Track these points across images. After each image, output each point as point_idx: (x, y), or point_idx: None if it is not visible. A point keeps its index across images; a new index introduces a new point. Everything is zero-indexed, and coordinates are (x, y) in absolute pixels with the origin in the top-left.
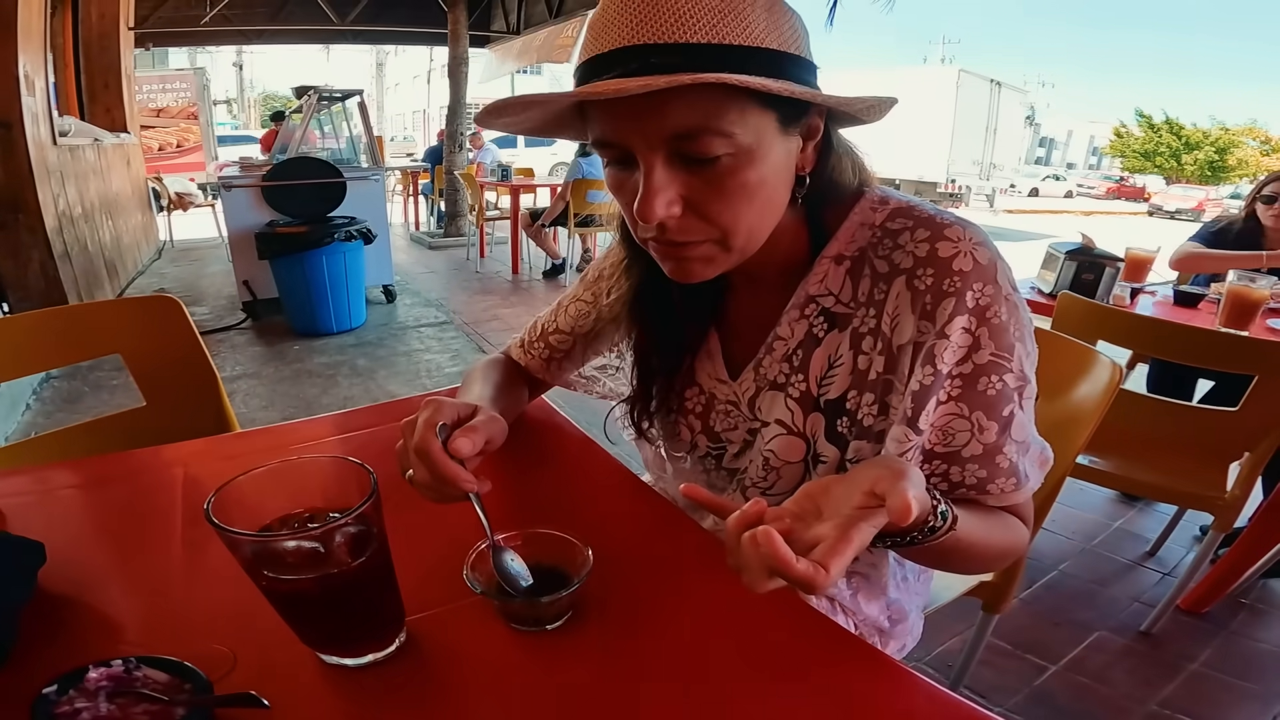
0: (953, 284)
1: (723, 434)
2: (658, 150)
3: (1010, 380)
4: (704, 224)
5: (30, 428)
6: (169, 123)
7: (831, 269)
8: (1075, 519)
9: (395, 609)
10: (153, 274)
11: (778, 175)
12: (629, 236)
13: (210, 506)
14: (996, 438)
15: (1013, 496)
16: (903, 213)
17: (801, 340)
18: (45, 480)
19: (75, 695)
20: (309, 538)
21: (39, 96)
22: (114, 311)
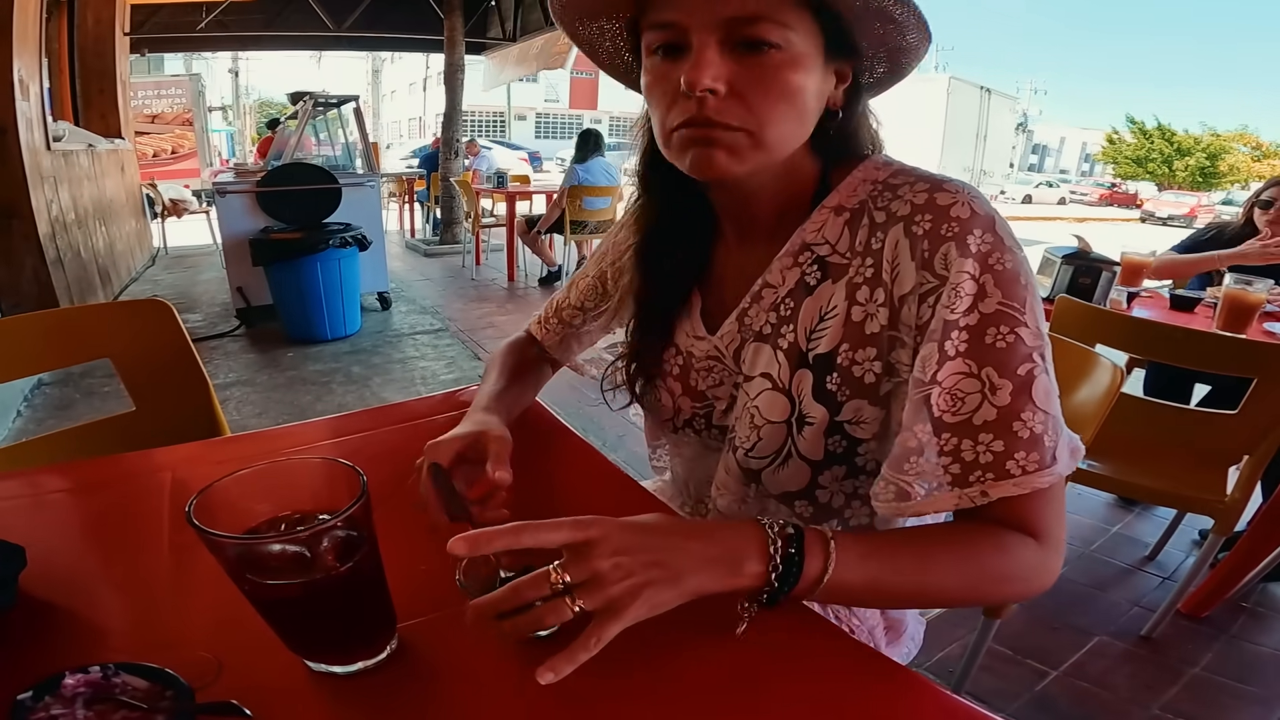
0: (950, 229)
1: (707, 391)
2: (714, 32)
3: (1026, 336)
4: (742, 109)
5: (21, 433)
6: (164, 129)
7: (830, 219)
8: (1073, 523)
9: (386, 615)
10: (146, 281)
11: (813, 93)
12: (648, 172)
13: (192, 509)
14: (1012, 400)
15: (1037, 479)
16: (905, 172)
17: (792, 289)
18: (30, 484)
19: (51, 702)
20: (295, 541)
21: (34, 101)
22: (104, 315)
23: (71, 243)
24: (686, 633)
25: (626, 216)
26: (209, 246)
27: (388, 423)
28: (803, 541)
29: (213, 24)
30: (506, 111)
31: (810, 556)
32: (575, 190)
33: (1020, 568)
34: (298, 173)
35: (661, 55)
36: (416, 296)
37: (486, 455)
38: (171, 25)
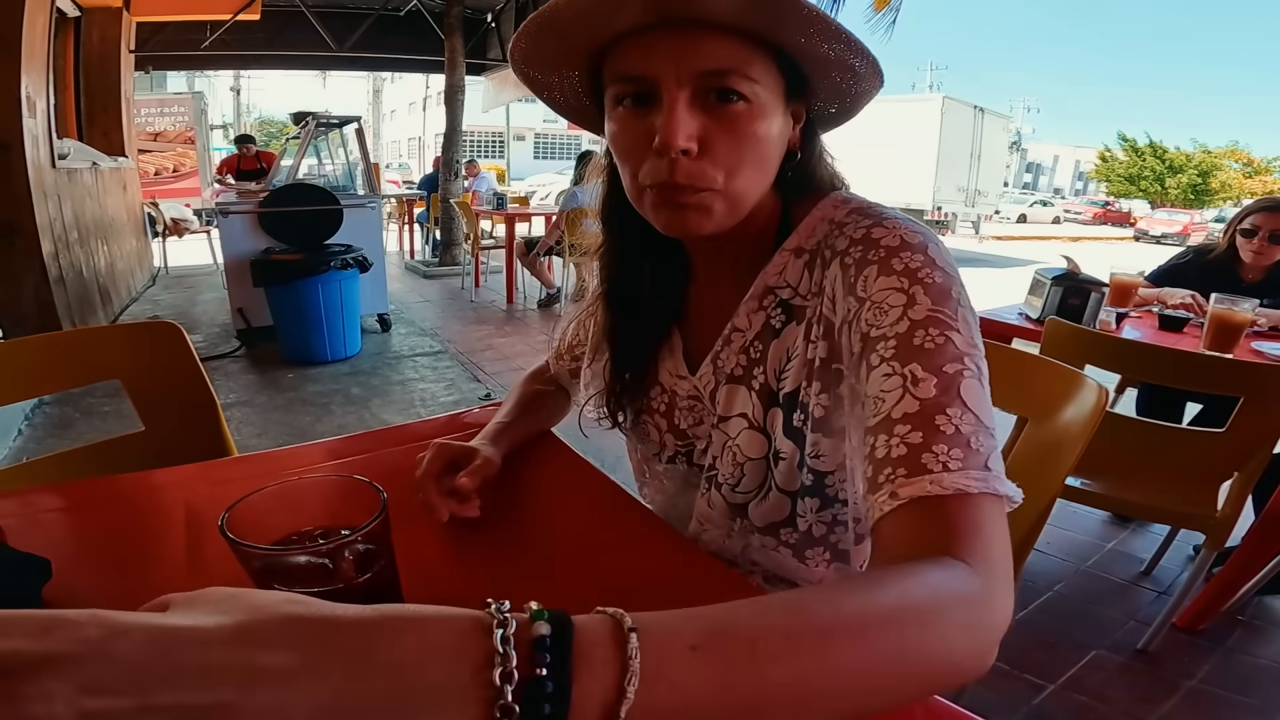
0: (876, 254)
1: (688, 430)
2: (685, 86)
3: (956, 340)
4: (712, 167)
5: (21, 453)
6: (166, 147)
7: (791, 261)
8: (1069, 540)
9: None
10: (146, 301)
11: (776, 139)
12: (612, 217)
13: (225, 522)
14: (937, 393)
15: (959, 478)
16: (858, 210)
17: (759, 332)
18: (46, 501)
19: None
20: (319, 553)
21: (40, 118)
22: (114, 336)
23: (74, 261)
24: None
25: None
26: (209, 266)
27: (394, 444)
28: (569, 647)
29: (216, 42)
30: (505, 132)
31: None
32: (574, 213)
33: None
34: (300, 194)
35: (629, 105)
36: (416, 318)
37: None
38: (175, 43)
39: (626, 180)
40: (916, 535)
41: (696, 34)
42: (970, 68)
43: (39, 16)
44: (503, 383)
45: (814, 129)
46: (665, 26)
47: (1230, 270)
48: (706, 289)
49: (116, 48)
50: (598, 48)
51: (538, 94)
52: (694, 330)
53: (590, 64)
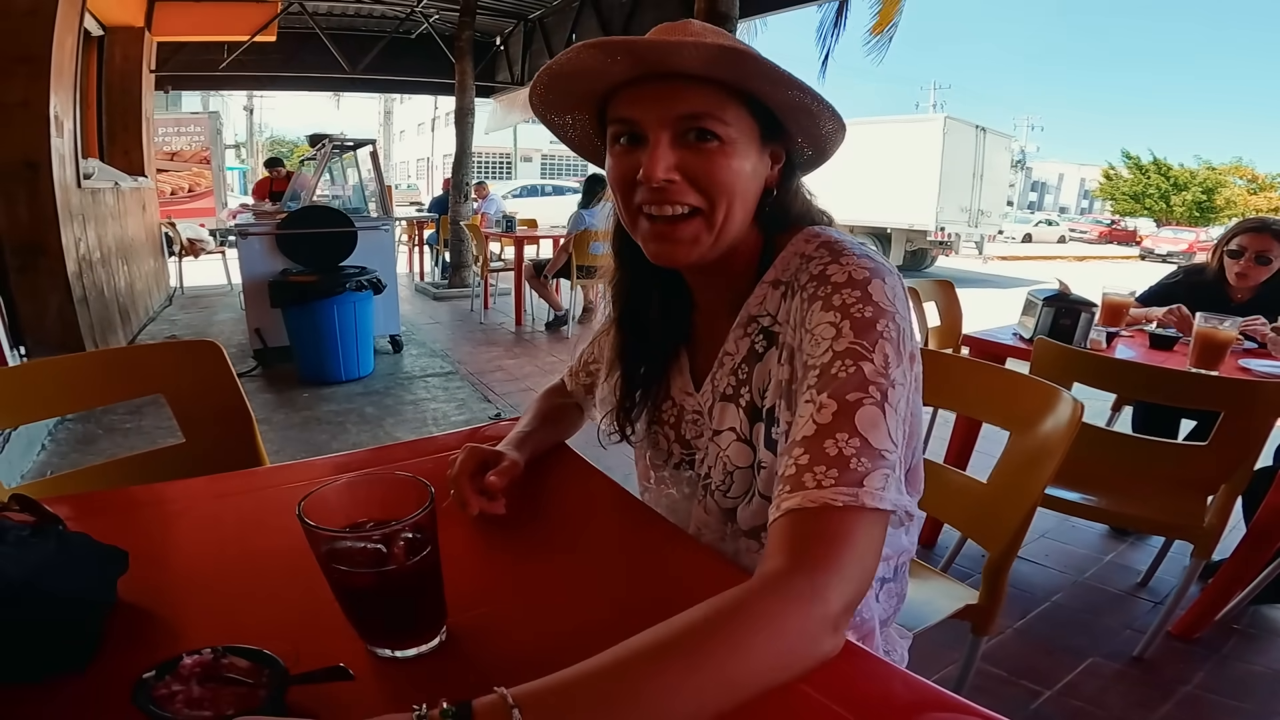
0: (823, 290)
1: (692, 441)
2: (667, 128)
3: (867, 369)
4: (694, 192)
5: (45, 467)
6: (182, 166)
7: (769, 292)
8: (1067, 553)
9: (440, 607)
10: (163, 321)
11: (752, 176)
12: (622, 249)
13: (301, 509)
14: (832, 419)
15: (827, 494)
16: (824, 245)
17: (745, 356)
18: (110, 502)
19: (171, 680)
20: (377, 538)
21: (67, 138)
22: (160, 354)
23: (96, 281)
24: None
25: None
26: (223, 287)
27: (423, 454)
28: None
29: (233, 63)
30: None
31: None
32: (582, 235)
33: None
34: (316, 216)
35: (624, 144)
36: (426, 339)
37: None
38: (193, 64)
39: (620, 210)
40: (786, 540)
41: (675, 84)
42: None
43: (68, 36)
44: (512, 403)
45: (793, 169)
46: (651, 78)
47: (1219, 290)
48: (705, 316)
49: (138, 67)
50: (599, 95)
51: (554, 132)
52: (698, 352)
53: (595, 108)
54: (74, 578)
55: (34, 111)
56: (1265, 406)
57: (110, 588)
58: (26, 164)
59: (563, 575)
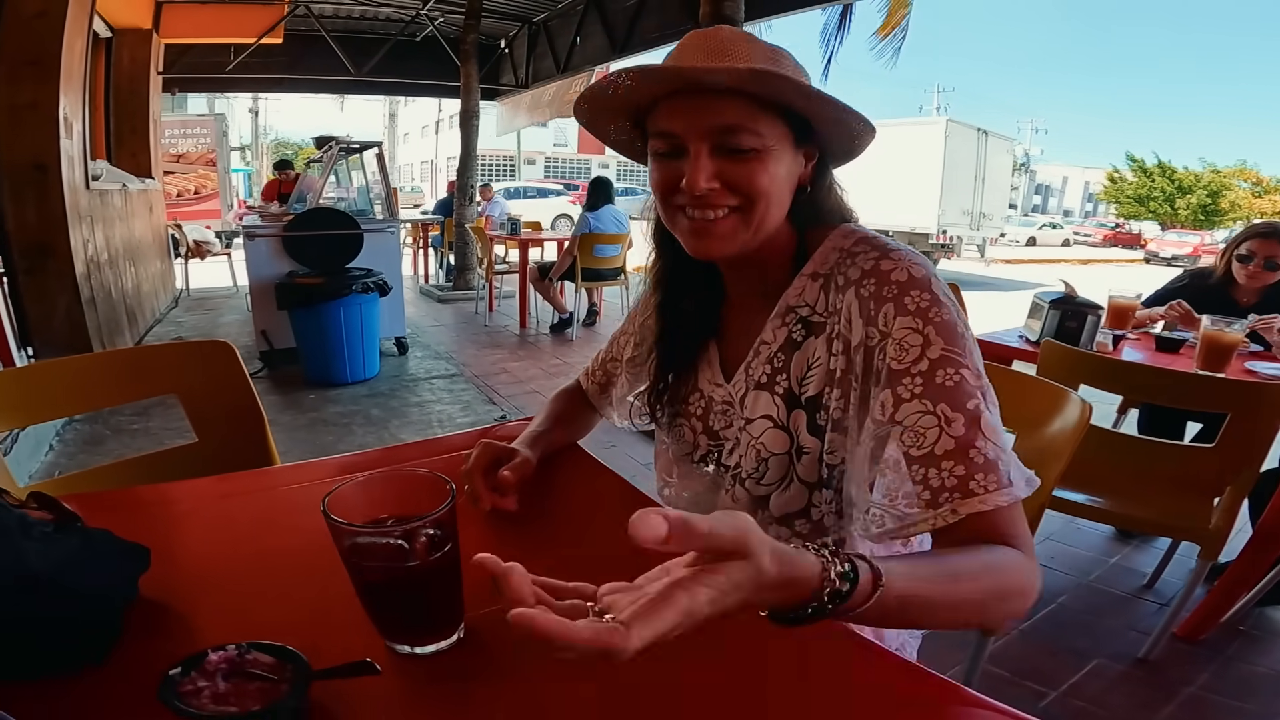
0: (890, 290)
1: (720, 432)
2: (705, 140)
3: (968, 376)
4: (733, 195)
5: (53, 467)
6: (188, 169)
7: (808, 284)
8: (1072, 555)
9: (458, 604)
10: (170, 322)
11: (786, 176)
12: (662, 241)
13: (326, 504)
14: (966, 430)
15: (997, 497)
16: (864, 240)
17: (782, 345)
18: (126, 500)
19: (197, 675)
20: (400, 534)
21: (76, 140)
22: (173, 354)
23: (104, 283)
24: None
25: (649, 281)
26: (229, 289)
27: (430, 454)
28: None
29: (239, 65)
30: (516, 156)
31: (862, 578)
32: (586, 238)
33: (1023, 577)
34: (322, 218)
35: (664, 154)
36: (431, 342)
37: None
38: (200, 66)
39: (661, 210)
40: (980, 535)
41: (710, 98)
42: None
43: (77, 38)
44: (517, 405)
45: (825, 166)
46: (688, 93)
47: (1225, 294)
48: (738, 308)
49: (146, 69)
50: (638, 107)
51: (596, 135)
52: (728, 344)
53: (635, 117)
54: (98, 573)
55: (43, 113)
56: (1272, 408)
57: (132, 584)
58: (36, 166)
59: (574, 573)
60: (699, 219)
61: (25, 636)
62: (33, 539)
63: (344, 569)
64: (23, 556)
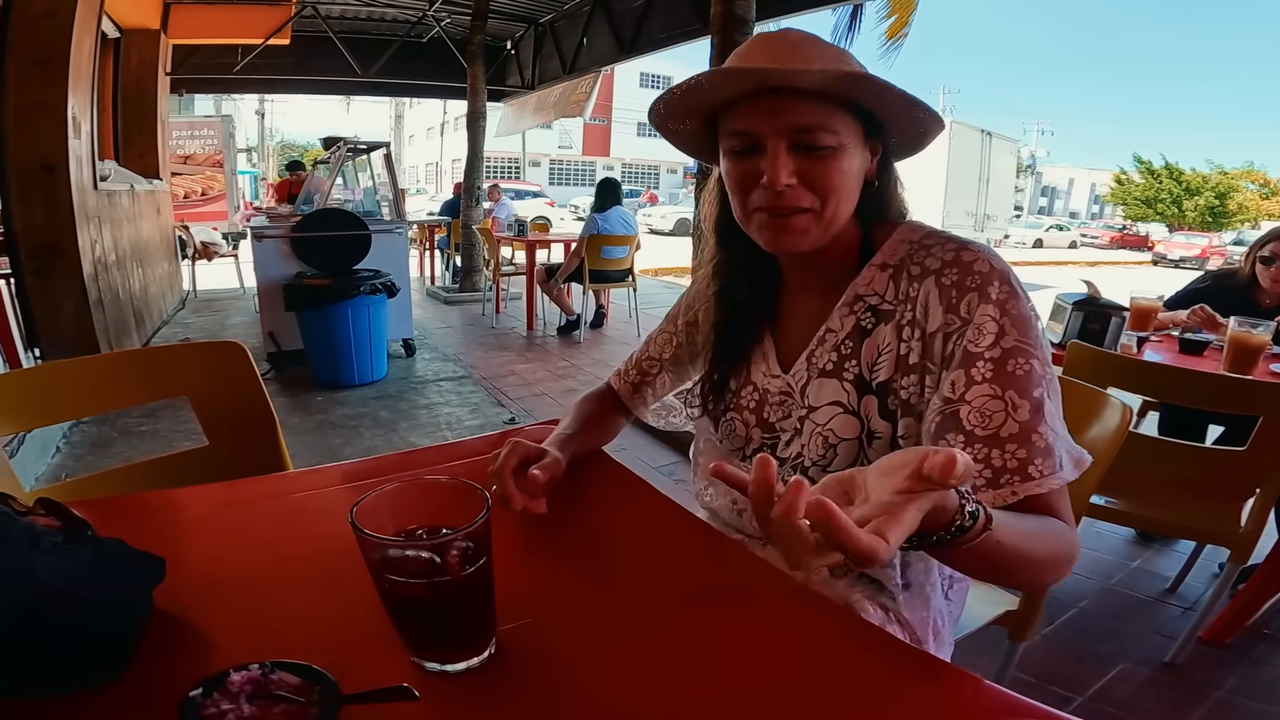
0: (974, 280)
1: (776, 424)
2: (783, 138)
3: (1037, 366)
4: (809, 194)
5: (60, 470)
6: (195, 170)
7: (877, 274)
8: (1093, 559)
9: (491, 619)
10: (177, 324)
11: (857, 173)
12: (725, 233)
13: (354, 515)
14: (1030, 417)
15: (1051, 480)
16: (934, 234)
17: (850, 332)
18: (134, 505)
19: (219, 697)
20: (433, 547)
21: (84, 140)
22: (184, 355)
23: (111, 284)
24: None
25: (705, 269)
26: (236, 290)
27: (448, 459)
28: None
29: (246, 66)
30: (521, 158)
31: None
32: (594, 240)
33: (1070, 544)
34: (330, 219)
35: (740, 151)
36: (438, 344)
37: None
38: (207, 67)
39: (736, 207)
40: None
41: (788, 99)
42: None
43: (86, 38)
44: (526, 407)
45: (889, 161)
46: (768, 94)
47: (1248, 296)
48: (797, 298)
49: (154, 70)
50: (713, 107)
51: (665, 135)
52: (785, 334)
53: (707, 118)
54: (112, 586)
55: (52, 113)
56: None
57: (147, 597)
58: (44, 166)
59: (604, 583)
60: (776, 214)
61: (35, 653)
62: (42, 549)
63: (367, 580)
64: (31, 568)
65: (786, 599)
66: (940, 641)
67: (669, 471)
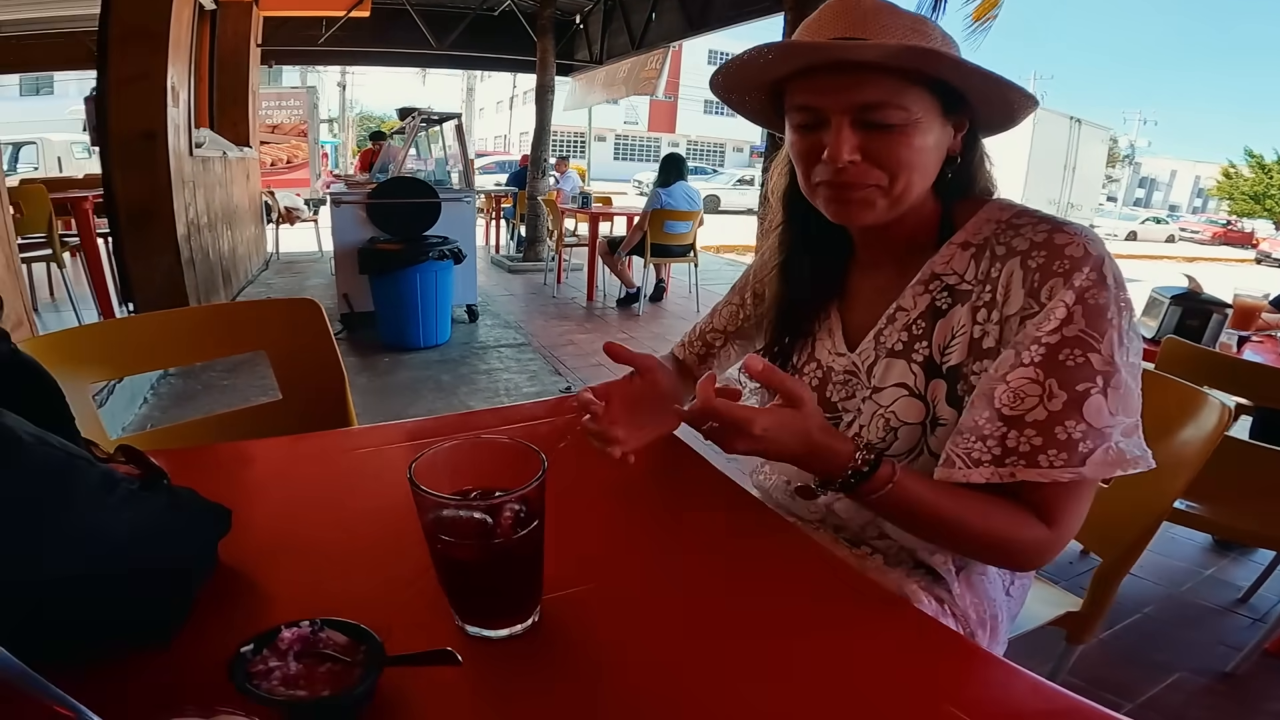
0: (1062, 265)
1: (839, 404)
2: (848, 114)
3: (1095, 360)
4: (875, 170)
5: (146, 420)
6: (282, 139)
7: (957, 253)
8: (1163, 565)
9: (538, 585)
10: (260, 284)
11: (932, 149)
12: (791, 204)
13: (413, 472)
14: (1063, 408)
15: (1058, 474)
16: (1026, 214)
17: (923, 312)
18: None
19: (269, 654)
20: (488, 507)
21: (182, 108)
22: (262, 311)
23: (202, 245)
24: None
25: (772, 240)
26: (315, 254)
27: (507, 422)
28: (879, 461)
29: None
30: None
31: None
32: (657, 214)
33: (1023, 541)
34: (404, 186)
35: (804, 126)
36: (500, 311)
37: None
38: (294, 39)
39: (802, 179)
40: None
41: (855, 75)
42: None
43: (185, 10)
44: (583, 377)
45: (975, 137)
46: (831, 68)
47: None
48: (868, 274)
49: (246, 41)
50: (776, 81)
51: (732, 107)
52: (854, 311)
53: (770, 90)
54: (181, 539)
55: (153, 83)
56: None
57: (212, 554)
58: (144, 134)
59: (651, 558)
60: (840, 188)
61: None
62: (117, 496)
63: (419, 542)
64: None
65: (838, 584)
66: (995, 638)
67: None
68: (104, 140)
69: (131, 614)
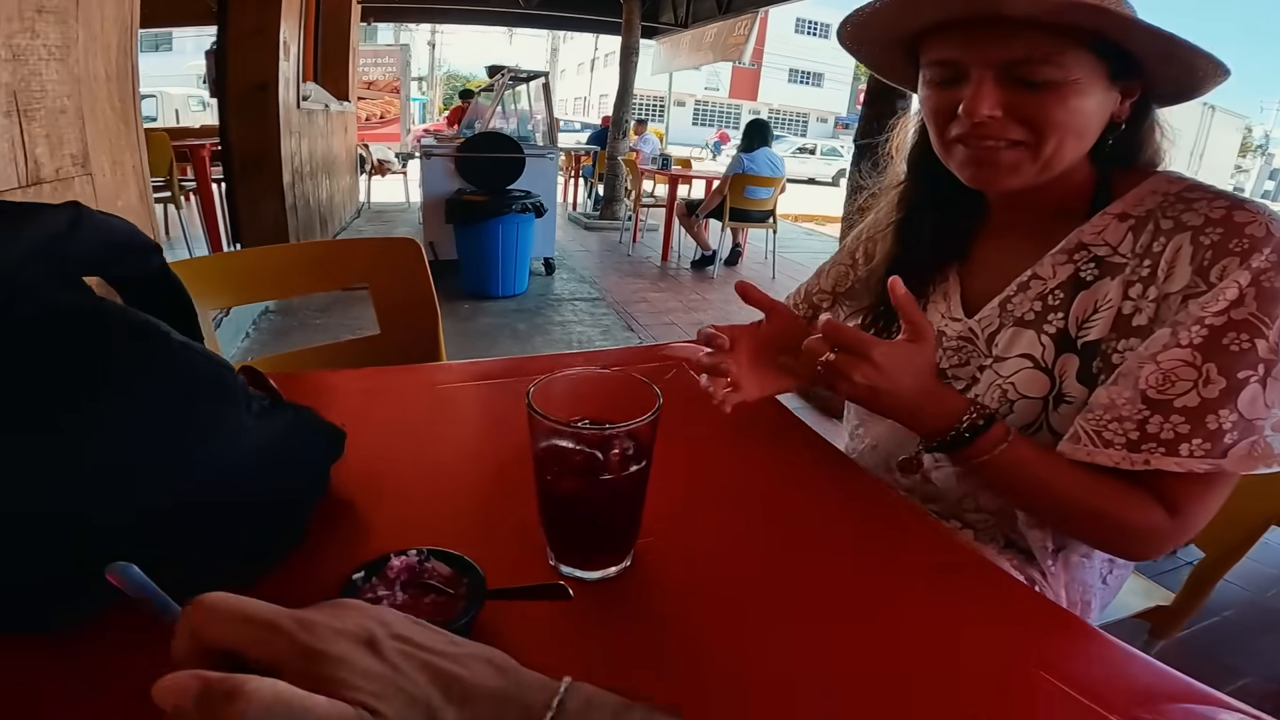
0: (1240, 245)
1: (949, 370)
2: (991, 68)
3: (1261, 347)
4: (1020, 127)
5: (248, 352)
6: (376, 95)
7: (1112, 223)
8: (1252, 570)
9: (637, 527)
10: (352, 231)
11: (1092, 113)
12: (918, 163)
13: (530, 397)
14: (1219, 395)
15: (1195, 464)
16: (1200, 188)
17: (1063, 282)
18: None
19: (378, 583)
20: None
21: (292, 62)
22: (368, 247)
23: (304, 192)
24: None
25: (889, 198)
26: (402, 204)
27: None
28: (992, 418)
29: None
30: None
31: (995, 427)
32: (739, 179)
33: (1140, 527)
34: (491, 141)
35: (940, 81)
36: (576, 266)
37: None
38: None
39: (935, 137)
40: (1150, 485)
41: (1000, 28)
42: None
43: None
44: (655, 334)
45: (1148, 104)
46: (975, 20)
47: None
48: (999, 238)
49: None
50: (911, 32)
51: (864, 63)
52: (975, 276)
53: (905, 43)
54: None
55: (267, 38)
56: None
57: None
58: (258, 85)
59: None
60: (978, 148)
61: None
62: (252, 414)
63: (513, 476)
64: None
65: (933, 551)
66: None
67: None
68: (222, 91)
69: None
